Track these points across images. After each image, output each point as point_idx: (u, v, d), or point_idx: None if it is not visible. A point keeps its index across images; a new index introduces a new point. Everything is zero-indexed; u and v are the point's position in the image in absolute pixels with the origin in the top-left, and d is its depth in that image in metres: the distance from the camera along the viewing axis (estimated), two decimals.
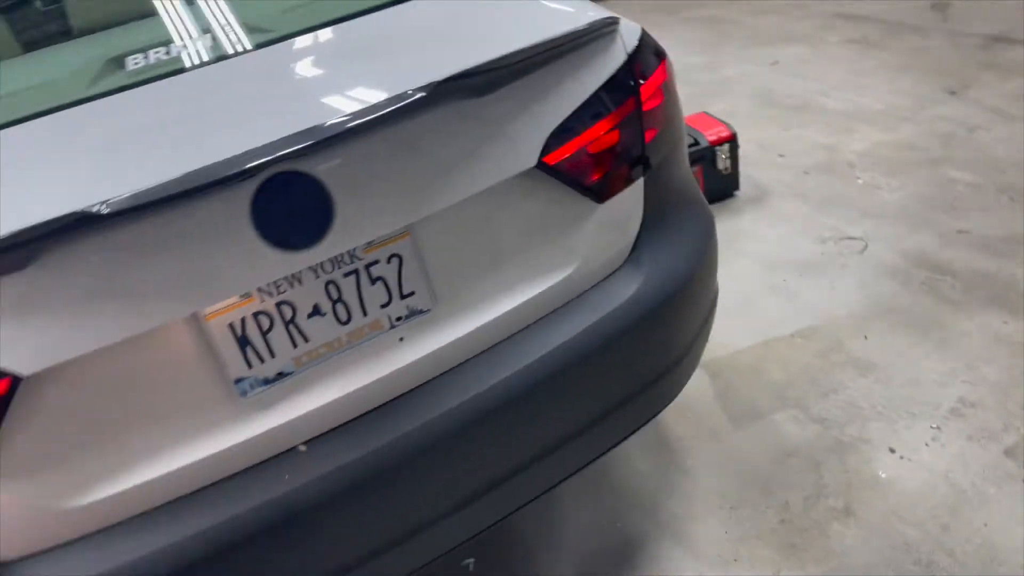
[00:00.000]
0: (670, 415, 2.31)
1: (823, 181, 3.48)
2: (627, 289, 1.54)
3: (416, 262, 1.35)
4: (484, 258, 1.43)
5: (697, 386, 2.39)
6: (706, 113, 3.51)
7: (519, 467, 1.49)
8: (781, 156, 3.76)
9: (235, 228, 1.16)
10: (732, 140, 3.32)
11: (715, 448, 2.21)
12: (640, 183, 1.55)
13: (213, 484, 1.28)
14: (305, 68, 1.42)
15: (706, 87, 4.75)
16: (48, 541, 1.20)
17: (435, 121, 1.28)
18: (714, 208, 3.04)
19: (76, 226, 1.06)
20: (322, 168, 1.20)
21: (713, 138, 3.30)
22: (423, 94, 1.21)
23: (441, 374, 1.41)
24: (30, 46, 1.87)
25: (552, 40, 1.39)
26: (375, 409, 1.37)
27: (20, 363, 1.10)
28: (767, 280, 2.87)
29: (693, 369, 1.77)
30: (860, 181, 3.44)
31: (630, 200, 1.55)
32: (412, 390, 1.39)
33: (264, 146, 1.14)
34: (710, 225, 1.74)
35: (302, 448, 1.32)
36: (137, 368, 1.19)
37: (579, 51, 1.43)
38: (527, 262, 1.47)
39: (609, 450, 1.66)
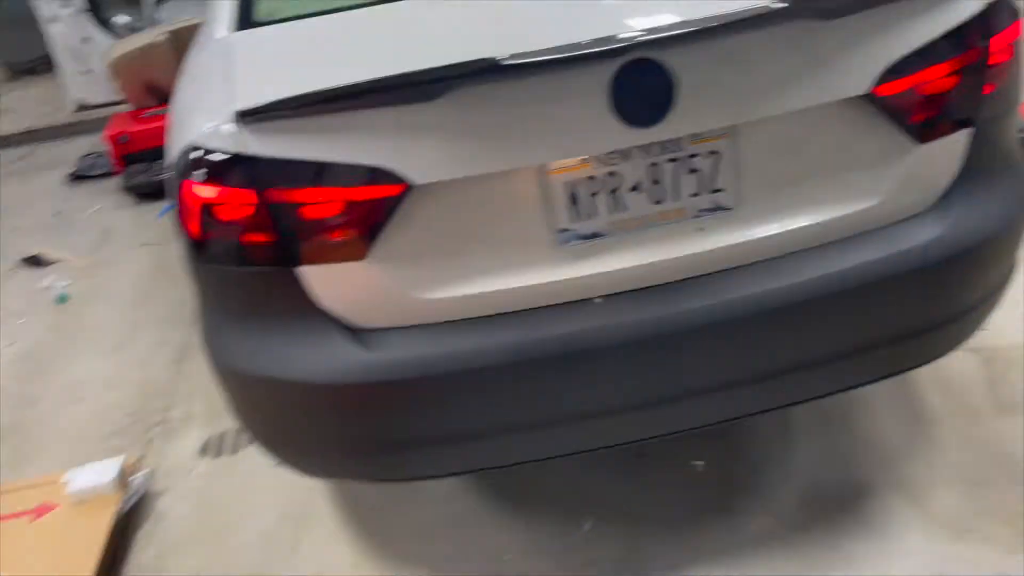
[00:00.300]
0: (929, 385, 2.29)
1: None
2: (927, 233, 1.58)
3: (731, 162, 1.51)
4: (794, 172, 1.54)
5: (966, 367, 2.33)
6: None
7: (777, 371, 1.62)
8: None
9: (594, 98, 1.38)
10: None
11: (970, 428, 2.16)
12: (964, 133, 1.57)
13: (524, 311, 1.54)
14: None
15: None
16: (399, 321, 1.54)
17: (781, 35, 1.41)
18: None
19: (481, 72, 1.33)
20: (674, 61, 1.38)
21: None
22: (780, 6, 1.34)
23: (730, 268, 1.56)
24: None
25: None
26: (664, 284, 1.56)
27: (414, 174, 1.41)
28: None
29: (971, 332, 1.77)
30: None
31: (951, 147, 1.58)
32: (700, 276, 1.56)
33: (632, 34, 1.35)
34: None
35: (598, 300, 1.55)
36: (491, 199, 1.48)
37: None
38: (834, 185, 1.56)
39: (865, 383, 1.74)
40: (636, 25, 1.38)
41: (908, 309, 1.63)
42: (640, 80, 1.38)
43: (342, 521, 2.16)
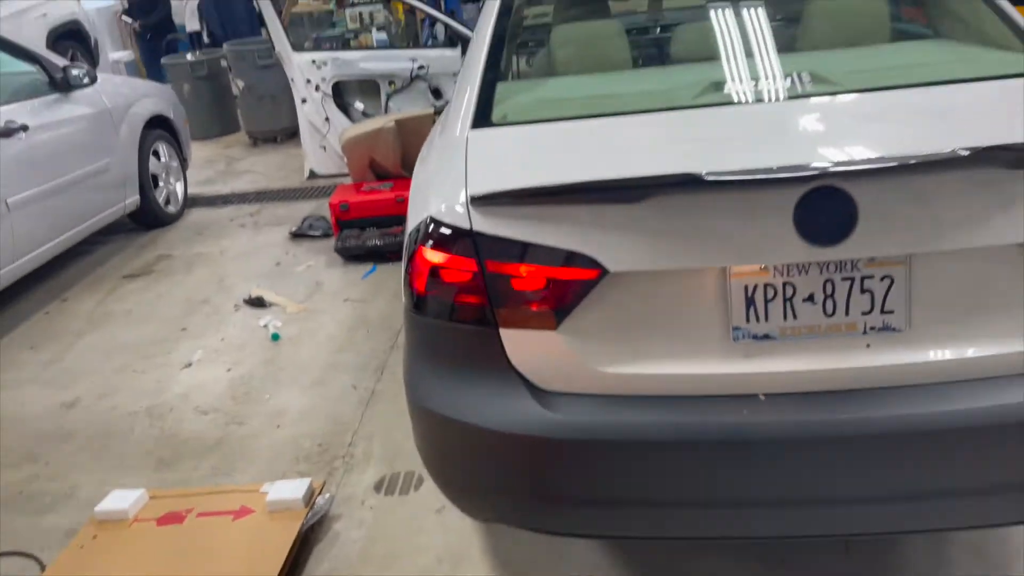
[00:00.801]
0: None
1: None
2: None
3: (904, 288, 1.62)
4: (965, 304, 1.63)
5: None
6: None
7: (927, 493, 1.67)
8: None
9: (779, 214, 1.56)
10: None
11: None
12: None
13: (692, 397, 1.71)
14: (859, 116, 1.78)
15: None
16: (579, 388, 1.75)
17: (964, 178, 1.54)
18: None
19: (682, 183, 1.55)
20: (858, 191, 1.54)
21: None
22: (965, 154, 1.48)
23: (892, 387, 1.66)
24: (644, 62, 2.52)
25: None
26: (827, 392, 1.67)
27: (610, 263, 1.64)
28: None
29: None
30: None
31: None
32: (863, 389, 1.66)
33: (821, 164, 1.53)
34: None
35: (762, 397, 1.69)
36: (675, 292, 1.68)
37: None
38: (1002, 323, 1.63)
39: (1001, 525, 1.74)
40: (825, 154, 1.56)
41: None
42: (824, 204, 1.55)
43: (493, 567, 2.34)
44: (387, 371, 3.49)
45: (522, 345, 1.75)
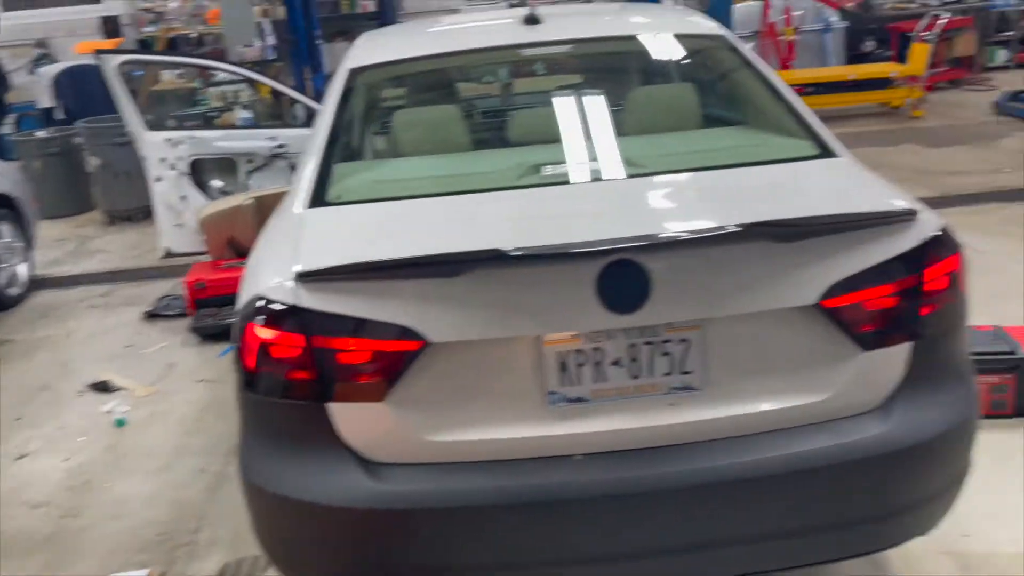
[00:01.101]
0: None
1: None
2: (871, 429, 1.80)
3: (699, 350, 1.78)
4: (755, 363, 1.81)
5: (942, 571, 2.42)
6: None
7: (734, 539, 1.80)
8: None
9: (583, 287, 1.70)
10: None
11: None
12: (906, 346, 1.82)
13: (514, 460, 1.79)
14: (659, 195, 1.97)
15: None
16: (406, 458, 1.80)
17: (741, 251, 1.73)
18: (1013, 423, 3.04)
19: (491, 258, 1.66)
20: (650, 263, 1.69)
21: None
22: (738, 229, 1.67)
23: (695, 442, 1.80)
24: (479, 145, 2.68)
25: (856, 215, 1.79)
26: (637, 449, 1.79)
27: (431, 334, 1.72)
28: None
29: (924, 527, 1.93)
30: None
31: (893, 357, 1.82)
32: (668, 446, 1.79)
33: (618, 239, 1.68)
34: (970, 406, 1.92)
35: (578, 457, 1.79)
36: (493, 360, 1.77)
37: (877, 228, 1.79)
38: (788, 378, 1.81)
39: (822, 561, 1.90)
40: (620, 231, 1.71)
41: (856, 496, 1.81)
42: (622, 276, 1.69)
43: None
44: None
45: (350, 418, 1.79)
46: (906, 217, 1.81)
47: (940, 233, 1.86)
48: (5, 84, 8.84)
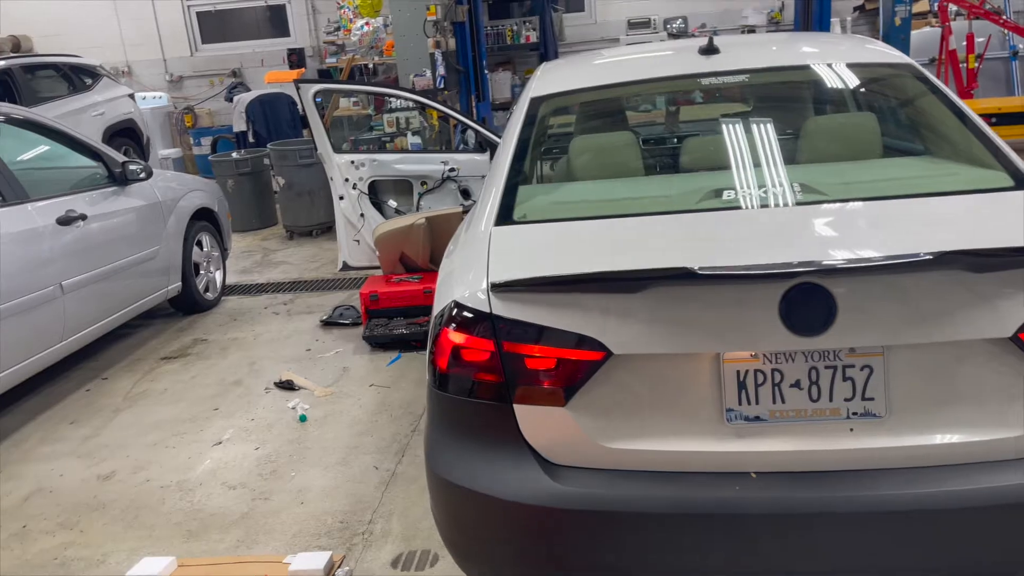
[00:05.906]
0: None
1: None
2: None
3: (882, 377, 1.78)
4: (940, 394, 1.78)
5: None
6: None
7: (906, 570, 1.77)
8: None
9: (766, 307, 1.75)
10: None
11: None
12: None
13: (688, 472, 1.85)
14: (845, 221, 1.98)
15: None
16: (583, 462, 1.90)
17: (933, 279, 1.72)
18: None
19: (679, 275, 1.75)
20: (837, 287, 1.72)
21: None
22: (930, 257, 1.67)
23: (872, 469, 1.79)
24: (658, 170, 2.77)
25: None
26: (813, 472, 1.81)
27: (614, 346, 1.82)
28: None
29: None
30: None
31: None
32: (845, 471, 1.80)
33: (807, 261, 1.72)
34: None
35: (753, 475, 1.83)
36: (673, 375, 1.85)
37: None
38: (977, 411, 1.77)
39: None
40: (808, 254, 1.75)
41: None
42: (807, 299, 1.73)
43: None
44: (408, 453, 3.63)
45: (533, 420, 1.91)
46: None
47: None
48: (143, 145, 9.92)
